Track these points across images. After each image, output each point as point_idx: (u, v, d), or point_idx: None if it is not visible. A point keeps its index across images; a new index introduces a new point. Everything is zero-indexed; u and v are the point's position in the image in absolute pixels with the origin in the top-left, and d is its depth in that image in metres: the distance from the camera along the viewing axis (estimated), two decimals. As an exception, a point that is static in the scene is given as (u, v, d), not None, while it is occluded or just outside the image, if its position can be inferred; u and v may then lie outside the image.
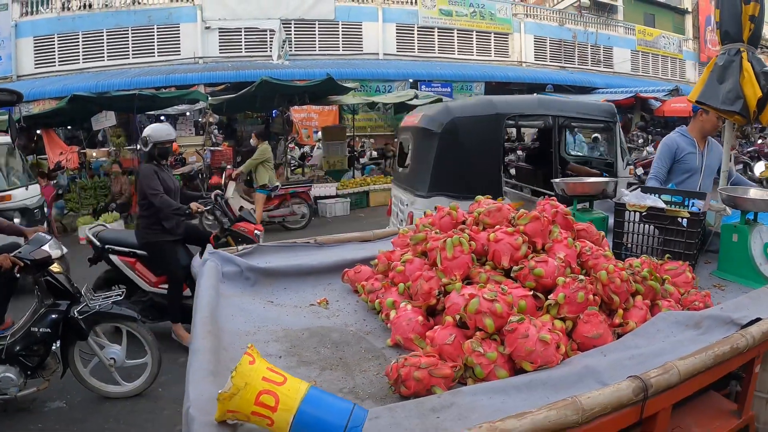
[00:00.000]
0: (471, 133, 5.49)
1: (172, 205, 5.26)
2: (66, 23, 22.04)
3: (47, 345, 4.15)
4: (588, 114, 6.33)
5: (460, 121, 5.52)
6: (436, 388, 1.70)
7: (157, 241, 5.31)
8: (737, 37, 3.49)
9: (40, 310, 4.18)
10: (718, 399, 2.30)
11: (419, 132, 5.85)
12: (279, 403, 1.33)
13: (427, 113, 5.93)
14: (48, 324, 4.12)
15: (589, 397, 1.45)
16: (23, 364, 4.08)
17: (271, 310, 2.51)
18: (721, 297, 2.62)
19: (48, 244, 4.21)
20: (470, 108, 5.79)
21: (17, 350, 4.04)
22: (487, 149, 5.56)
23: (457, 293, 2.03)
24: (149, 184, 5.21)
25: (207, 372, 1.65)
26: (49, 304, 4.21)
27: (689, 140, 4.20)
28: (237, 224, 6.16)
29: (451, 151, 5.48)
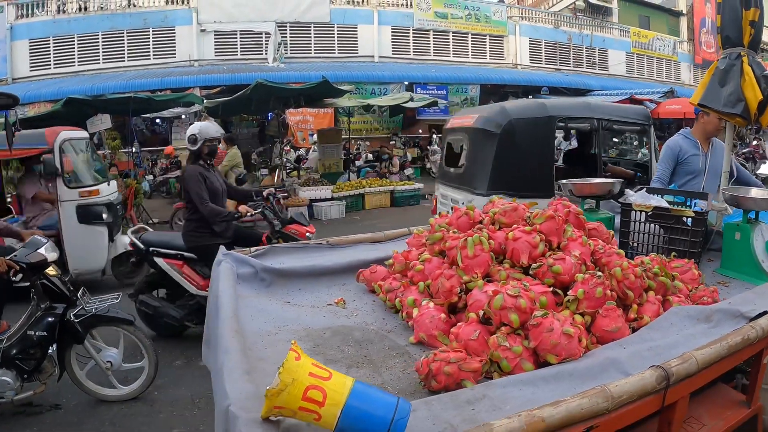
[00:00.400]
0: (526, 134, 5.75)
1: (220, 213, 5.22)
2: (61, 26, 22.02)
3: (44, 348, 4.13)
4: (627, 117, 6.53)
5: (516, 122, 5.76)
6: (466, 382, 1.76)
7: (207, 245, 5.18)
8: (738, 42, 3.58)
9: (37, 313, 4.17)
10: (727, 390, 2.40)
11: (477, 133, 6.06)
12: (327, 398, 1.35)
13: (483, 114, 6.14)
14: (44, 327, 4.11)
15: (616, 386, 1.54)
16: (20, 368, 4.07)
17: (289, 310, 2.54)
18: (725, 293, 2.70)
19: (44, 247, 4.19)
20: (524, 110, 6.01)
21: (14, 354, 4.02)
22: (541, 150, 5.85)
23: (479, 290, 2.10)
24: (196, 191, 5.15)
25: (242, 371, 1.68)
26: (46, 308, 4.19)
27: (692, 142, 4.32)
28: (288, 226, 6.03)
29: (508, 152, 5.73)
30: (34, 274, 4.13)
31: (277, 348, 2.10)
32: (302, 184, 13.72)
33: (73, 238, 7.31)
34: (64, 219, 7.29)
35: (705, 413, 2.16)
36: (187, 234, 5.39)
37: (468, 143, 6.32)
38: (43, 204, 7.79)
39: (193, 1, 22.78)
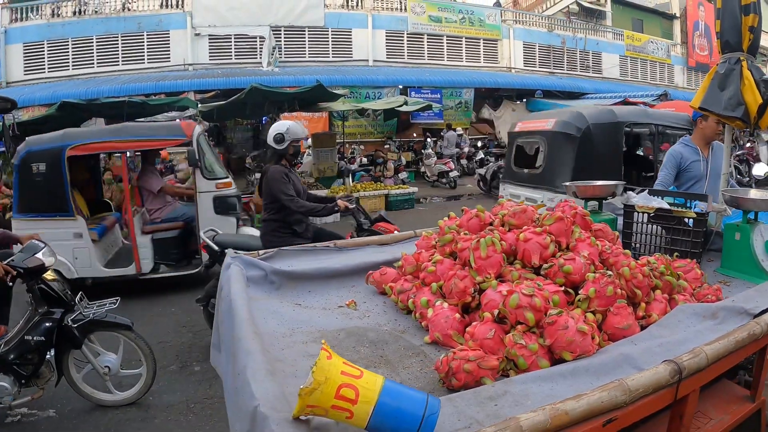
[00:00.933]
0: (600, 137, 6.53)
1: (314, 208, 5.19)
2: (56, 30, 22.04)
3: (41, 353, 4.13)
4: (675, 123, 7.18)
5: (594, 126, 6.54)
6: (486, 380, 1.81)
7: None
8: (737, 47, 3.65)
9: (34, 318, 4.16)
10: (732, 386, 2.48)
11: (556, 135, 6.79)
12: (359, 395, 1.38)
13: (560, 119, 6.85)
14: (42, 332, 4.10)
15: (633, 380, 1.59)
16: (17, 373, 4.06)
17: (301, 312, 2.57)
18: (727, 292, 2.76)
19: (42, 251, 4.18)
20: (599, 116, 6.73)
21: (11, 359, 4.02)
22: (611, 151, 6.59)
23: (493, 290, 2.16)
24: (282, 188, 5.08)
25: (266, 371, 1.70)
26: (43, 312, 4.18)
27: (693, 149, 4.46)
28: (377, 224, 6.05)
29: (586, 153, 6.47)
30: (31, 279, 4.13)
31: (294, 349, 2.13)
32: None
33: None
34: (201, 209, 7.50)
35: (711, 408, 2.24)
36: (267, 235, 5.28)
37: (546, 145, 6.97)
38: (166, 197, 8.04)
39: (187, 5, 22.84)
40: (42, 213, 7.13)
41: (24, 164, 7.10)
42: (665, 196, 3.70)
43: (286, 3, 23.63)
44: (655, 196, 3.61)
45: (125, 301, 4.69)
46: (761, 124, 3.67)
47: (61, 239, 6.89)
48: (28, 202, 7.14)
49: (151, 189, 7.94)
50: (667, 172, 4.51)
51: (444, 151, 21.29)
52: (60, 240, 6.72)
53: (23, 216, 7.10)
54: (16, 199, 7.19)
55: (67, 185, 7.11)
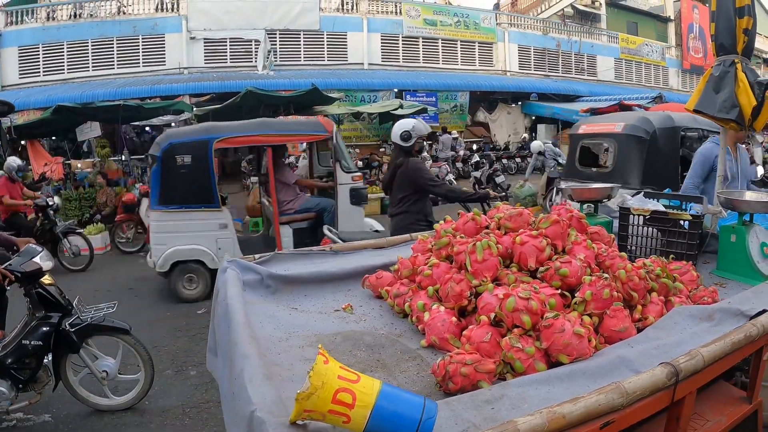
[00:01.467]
0: (663, 141, 7.17)
1: (466, 193, 5.35)
2: (51, 33, 22.04)
3: (39, 358, 4.11)
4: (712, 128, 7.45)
5: (659, 130, 7.15)
6: (482, 383, 1.81)
7: None
8: (732, 49, 3.65)
9: (32, 322, 4.14)
10: (728, 387, 2.48)
11: (626, 138, 7.37)
12: (356, 400, 1.38)
13: (629, 122, 7.48)
14: (39, 337, 4.08)
15: (630, 382, 1.60)
16: (15, 378, 4.04)
17: (297, 316, 2.56)
18: (723, 294, 2.76)
19: (39, 255, 4.17)
20: (661, 120, 7.35)
21: (8, 363, 4.00)
22: (672, 154, 7.21)
23: (489, 294, 2.16)
24: (428, 176, 5.13)
25: (263, 375, 1.70)
26: (41, 317, 4.16)
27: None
28: None
29: (652, 154, 7.11)
30: (29, 283, 4.11)
31: (290, 354, 2.12)
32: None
33: (345, 219, 7.82)
34: (340, 201, 7.89)
35: (708, 410, 2.24)
36: (401, 228, 5.12)
37: (616, 147, 7.55)
38: (296, 189, 8.38)
39: (182, 9, 22.86)
40: (187, 204, 7.29)
41: (167, 156, 7.16)
42: (661, 199, 3.71)
43: (282, 6, 23.67)
44: (652, 198, 3.62)
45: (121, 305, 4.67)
46: (755, 126, 3.69)
47: (206, 230, 7.30)
48: (172, 194, 7.25)
49: (287, 181, 8.21)
50: (697, 171, 4.66)
51: (439, 154, 21.31)
52: (205, 231, 7.22)
53: (165, 207, 7.26)
54: (156, 191, 7.30)
55: (213, 177, 7.32)
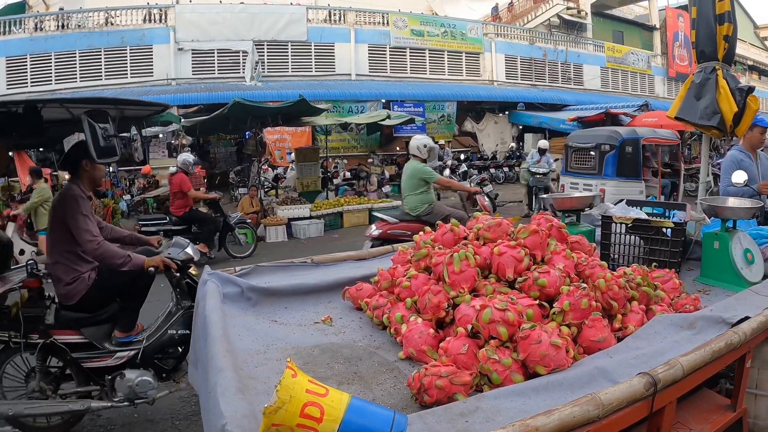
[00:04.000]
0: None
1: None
2: (39, 44, 21.89)
3: (184, 347, 4.11)
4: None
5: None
6: (458, 395, 1.79)
7: None
8: (712, 56, 3.68)
9: (177, 312, 4.13)
10: (712, 395, 2.46)
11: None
12: (324, 414, 1.36)
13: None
14: (187, 326, 4.04)
15: (606, 393, 1.57)
16: (159, 368, 4.05)
17: (276, 329, 2.55)
18: (706, 300, 2.77)
19: (189, 247, 4.24)
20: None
21: (153, 353, 4.01)
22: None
23: (467, 305, 2.14)
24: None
25: (236, 389, 1.68)
26: (187, 306, 4.13)
27: (746, 154, 4.68)
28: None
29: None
30: (180, 273, 4.11)
31: (268, 366, 2.11)
32: (280, 203, 13.66)
33: None
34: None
35: (691, 418, 2.21)
36: None
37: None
38: None
39: (170, 20, 22.81)
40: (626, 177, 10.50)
41: (622, 147, 10.54)
42: (644, 207, 3.71)
43: (269, 18, 23.68)
44: (634, 206, 3.62)
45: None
46: (737, 132, 3.71)
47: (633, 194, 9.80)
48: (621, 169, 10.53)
49: None
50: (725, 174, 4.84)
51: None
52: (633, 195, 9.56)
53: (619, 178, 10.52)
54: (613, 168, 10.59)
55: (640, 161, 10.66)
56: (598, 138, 10.93)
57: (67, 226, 3.80)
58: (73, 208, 3.81)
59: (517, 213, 14.16)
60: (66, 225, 3.80)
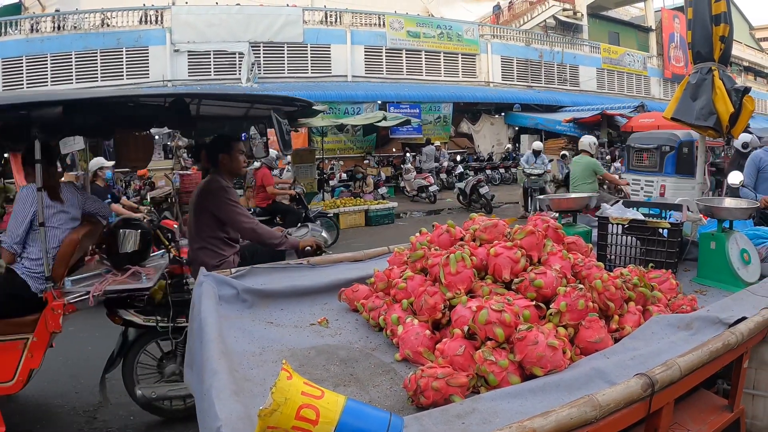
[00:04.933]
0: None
1: None
2: (34, 45, 21.84)
3: None
4: None
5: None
6: (455, 397, 1.77)
7: None
8: (708, 57, 3.67)
9: None
10: (709, 396, 2.45)
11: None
12: (320, 416, 1.35)
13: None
14: None
15: (604, 394, 1.56)
16: None
17: (272, 330, 2.54)
18: (703, 301, 2.76)
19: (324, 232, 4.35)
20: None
21: None
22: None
23: (463, 306, 2.13)
24: None
25: (231, 391, 1.67)
26: None
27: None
28: None
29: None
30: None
31: (264, 368, 2.10)
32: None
33: None
34: None
35: (689, 419, 2.20)
36: None
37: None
38: None
39: (166, 21, 22.79)
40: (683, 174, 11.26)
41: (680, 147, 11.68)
42: (640, 207, 3.71)
43: (265, 19, 23.67)
44: (631, 206, 3.62)
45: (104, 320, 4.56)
46: (733, 133, 3.71)
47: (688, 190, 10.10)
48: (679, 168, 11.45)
49: None
50: (748, 173, 5.15)
51: (423, 165, 21.32)
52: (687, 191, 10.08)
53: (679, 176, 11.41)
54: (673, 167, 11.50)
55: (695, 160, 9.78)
56: (659, 140, 11.99)
57: (215, 214, 4.16)
58: (222, 198, 4.16)
59: (513, 214, 14.20)
60: (213, 213, 4.16)
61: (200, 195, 4.24)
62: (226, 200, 4.16)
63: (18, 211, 3.82)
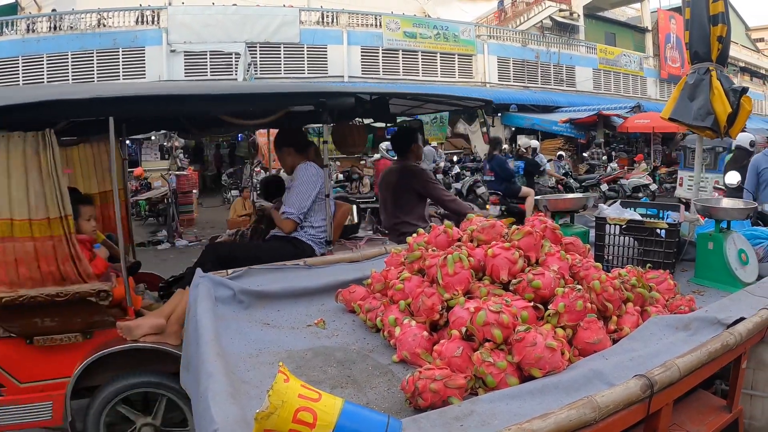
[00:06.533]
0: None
1: None
2: (31, 45, 21.72)
3: None
4: None
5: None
6: (453, 399, 1.77)
7: None
8: (706, 57, 3.66)
9: None
10: (708, 396, 2.45)
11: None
12: (317, 419, 1.34)
13: None
14: None
15: (603, 396, 1.56)
16: None
17: (269, 332, 2.53)
18: (701, 302, 2.75)
19: None
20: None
21: None
22: None
23: (461, 307, 2.12)
24: None
25: (227, 394, 1.66)
26: None
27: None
28: None
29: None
30: None
31: (260, 370, 2.09)
32: (273, 205, 13.66)
33: None
34: None
35: (687, 420, 2.20)
36: None
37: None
38: None
39: (163, 22, 22.70)
40: None
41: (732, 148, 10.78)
42: (638, 208, 3.71)
43: (262, 20, 23.61)
44: (628, 207, 3.62)
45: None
46: (731, 133, 3.70)
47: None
48: None
49: None
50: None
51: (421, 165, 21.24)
52: None
53: None
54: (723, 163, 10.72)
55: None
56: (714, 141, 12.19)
57: (419, 192, 4.92)
58: (425, 178, 4.99)
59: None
60: (417, 191, 4.92)
61: (401, 177, 5.00)
62: (428, 180, 5.00)
63: (304, 185, 4.24)
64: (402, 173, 5.04)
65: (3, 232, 3.18)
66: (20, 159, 3.16)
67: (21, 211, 3.18)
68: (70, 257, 3.33)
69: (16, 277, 3.23)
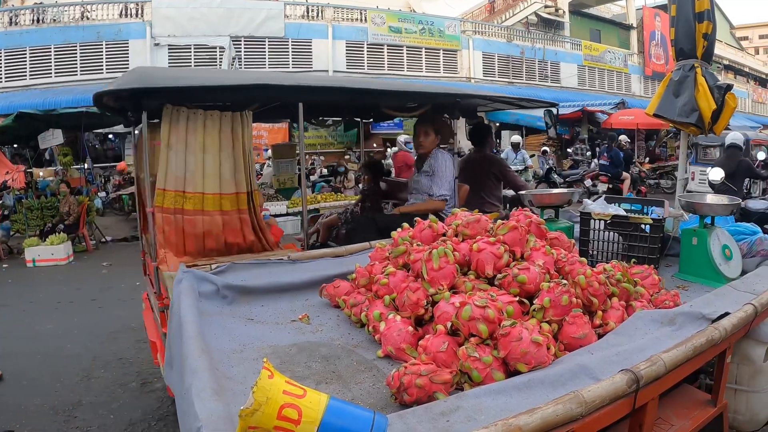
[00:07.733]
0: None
1: None
2: (13, 38, 21.40)
3: None
4: None
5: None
6: (438, 394, 1.75)
7: None
8: (691, 54, 3.68)
9: None
10: (693, 391, 2.47)
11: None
12: (302, 415, 1.33)
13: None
14: None
15: (589, 391, 1.55)
16: None
17: (253, 327, 2.51)
18: (685, 297, 2.77)
19: None
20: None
21: None
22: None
23: (446, 302, 2.11)
24: None
25: (211, 391, 1.64)
26: None
27: None
28: None
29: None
30: None
31: (244, 366, 2.07)
32: (258, 199, 13.59)
33: None
34: None
35: (673, 414, 2.21)
36: None
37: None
38: None
39: (147, 15, 22.48)
40: None
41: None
42: (622, 203, 3.72)
43: (246, 13, 23.47)
44: (613, 202, 3.64)
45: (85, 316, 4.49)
46: (716, 130, 3.73)
47: None
48: None
49: None
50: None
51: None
52: None
53: None
54: None
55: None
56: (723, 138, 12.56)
57: (498, 177, 5.76)
58: (503, 165, 5.95)
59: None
60: (497, 176, 5.75)
61: (484, 165, 5.72)
62: (506, 167, 5.92)
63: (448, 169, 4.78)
64: (482, 162, 5.76)
65: (195, 206, 3.46)
66: (216, 136, 3.41)
67: (213, 185, 3.47)
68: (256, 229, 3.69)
69: (202, 248, 3.53)
